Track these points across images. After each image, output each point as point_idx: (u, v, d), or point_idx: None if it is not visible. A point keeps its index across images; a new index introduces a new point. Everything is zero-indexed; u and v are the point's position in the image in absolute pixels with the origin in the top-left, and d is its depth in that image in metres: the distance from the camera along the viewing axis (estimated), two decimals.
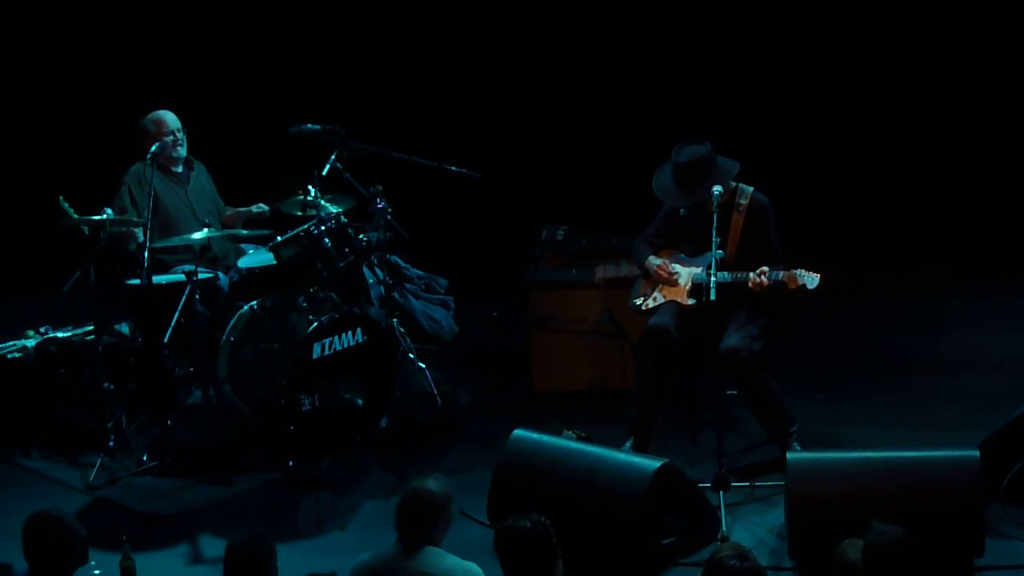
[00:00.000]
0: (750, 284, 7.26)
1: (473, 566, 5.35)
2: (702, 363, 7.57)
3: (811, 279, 7.20)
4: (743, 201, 7.52)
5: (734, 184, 7.52)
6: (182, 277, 7.75)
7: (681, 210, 7.61)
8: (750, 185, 7.57)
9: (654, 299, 7.63)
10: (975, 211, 11.02)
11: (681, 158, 7.47)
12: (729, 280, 7.27)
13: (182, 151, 8.36)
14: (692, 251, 7.59)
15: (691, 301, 7.46)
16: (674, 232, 7.69)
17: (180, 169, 8.42)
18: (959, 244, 10.69)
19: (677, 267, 7.60)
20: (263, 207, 8.53)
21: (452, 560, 5.32)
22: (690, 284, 7.51)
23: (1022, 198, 11.08)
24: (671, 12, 11.62)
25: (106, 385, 7.85)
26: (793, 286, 7.23)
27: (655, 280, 7.65)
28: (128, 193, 8.20)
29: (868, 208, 11.30)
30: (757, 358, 7.30)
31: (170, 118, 8.31)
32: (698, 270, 7.45)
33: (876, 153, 11.58)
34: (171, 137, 8.28)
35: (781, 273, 7.24)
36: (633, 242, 7.85)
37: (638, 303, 7.70)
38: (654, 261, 7.65)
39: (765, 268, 7.26)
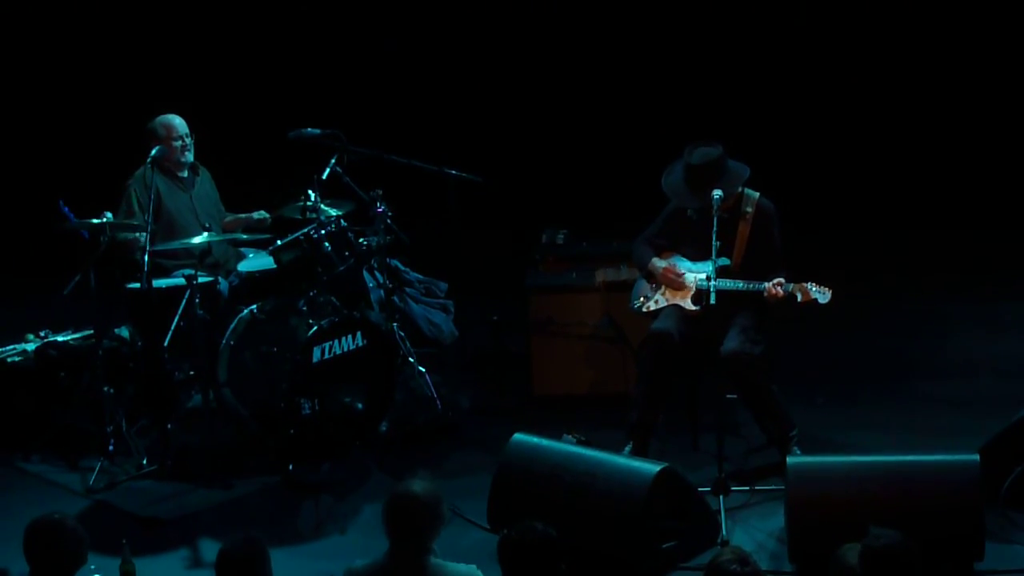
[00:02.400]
0: (766, 295, 7.24)
1: (473, 568, 5.33)
2: (702, 367, 7.55)
3: (822, 294, 7.19)
4: (749, 209, 7.50)
5: (741, 189, 7.50)
6: (182, 281, 7.75)
7: (689, 211, 7.58)
8: (755, 190, 7.56)
9: (656, 301, 7.61)
10: (975, 211, 11.02)
11: (693, 159, 7.43)
12: (742, 288, 7.26)
13: (189, 156, 8.36)
14: (694, 254, 7.55)
15: (695, 307, 7.42)
16: (677, 233, 7.66)
17: (185, 174, 8.42)
18: (959, 245, 10.68)
19: (685, 272, 7.57)
20: (264, 214, 8.52)
21: (452, 568, 5.28)
22: (694, 288, 7.47)
23: (1022, 198, 11.08)
24: (670, 15, 11.62)
25: (106, 389, 7.85)
26: (805, 299, 7.23)
27: (659, 282, 7.63)
28: (134, 199, 8.19)
29: (868, 209, 11.29)
30: (758, 361, 7.29)
31: (179, 123, 8.31)
32: (702, 275, 7.41)
33: (876, 154, 11.58)
34: (180, 142, 8.28)
35: (792, 285, 7.23)
36: (633, 242, 7.81)
37: (638, 304, 7.68)
38: (659, 263, 7.62)
39: (781, 279, 7.24)
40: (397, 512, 5.28)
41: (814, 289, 7.20)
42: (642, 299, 7.64)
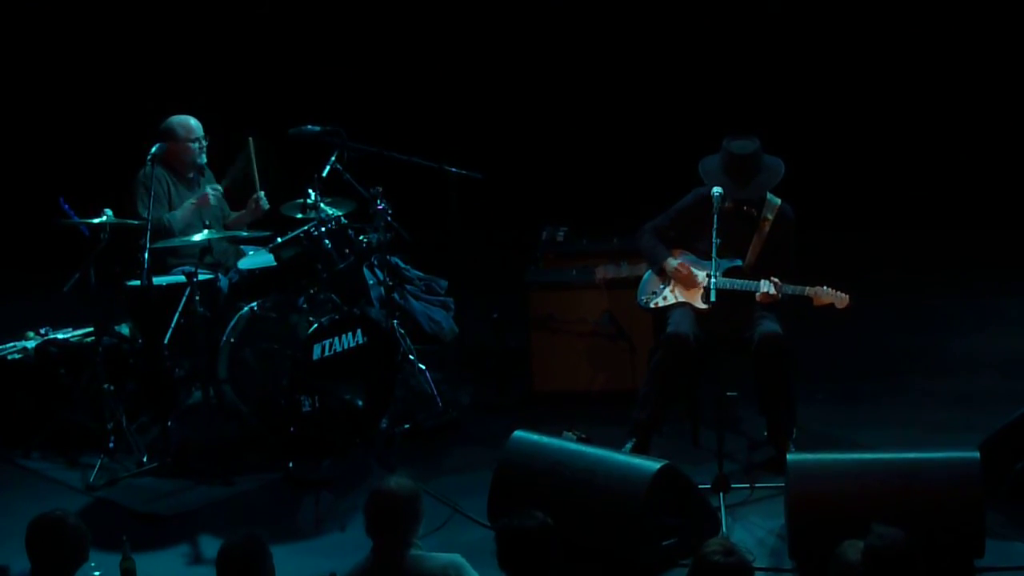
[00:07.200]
0: (757, 296, 7.22)
1: (456, 556, 5.32)
2: (704, 364, 7.52)
3: (839, 299, 7.16)
4: (770, 215, 7.49)
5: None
6: (182, 278, 7.76)
7: (726, 201, 7.36)
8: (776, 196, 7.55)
9: (664, 298, 7.59)
10: (975, 211, 11.02)
11: (735, 148, 7.42)
12: (740, 288, 7.23)
13: (203, 158, 8.35)
14: (708, 250, 7.40)
15: (704, 305, 7.36)
16: (691, 228, 7.60)
17: (192, 175, 8.41)
18: (959, 244, 10.69)
19: (694, 269, 7.52)
20: (259, 195, 8.43)
21: (434, 559, 5.28)
22: (704, 287, 7.39)
23: (1022, 198, 11.08)
24: (669, 13, 11.61)
25: (106, 386, 7.86)
26: (819, 303, 7.21)
27: (669, 278, 7.59)
28: (139, 200, 8.15)
29: (869, 208, 11.28)
30: (791, 348, 7.29)
31: (196, 124, 8.31)
32: (718, 274, 7.21)
33: (876, 153, 11.58)
34: (196, 144, 8.29)
35: (806, 289, 7.20)
36: (642, 230, 7.73)
37: (645, 299, 7.65)
38: (672, 262, 7.57)
39: (777, 280, 7.21)
40: (376, 510, 5.30)
41: (828, 292, 7.16)
42: (650, 295, 7.61)
